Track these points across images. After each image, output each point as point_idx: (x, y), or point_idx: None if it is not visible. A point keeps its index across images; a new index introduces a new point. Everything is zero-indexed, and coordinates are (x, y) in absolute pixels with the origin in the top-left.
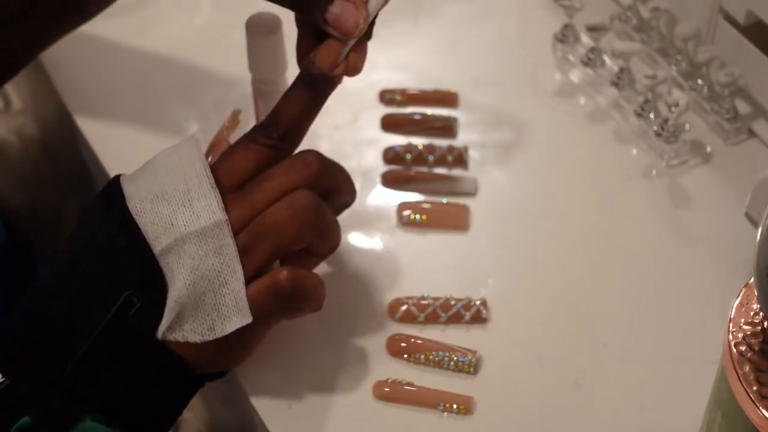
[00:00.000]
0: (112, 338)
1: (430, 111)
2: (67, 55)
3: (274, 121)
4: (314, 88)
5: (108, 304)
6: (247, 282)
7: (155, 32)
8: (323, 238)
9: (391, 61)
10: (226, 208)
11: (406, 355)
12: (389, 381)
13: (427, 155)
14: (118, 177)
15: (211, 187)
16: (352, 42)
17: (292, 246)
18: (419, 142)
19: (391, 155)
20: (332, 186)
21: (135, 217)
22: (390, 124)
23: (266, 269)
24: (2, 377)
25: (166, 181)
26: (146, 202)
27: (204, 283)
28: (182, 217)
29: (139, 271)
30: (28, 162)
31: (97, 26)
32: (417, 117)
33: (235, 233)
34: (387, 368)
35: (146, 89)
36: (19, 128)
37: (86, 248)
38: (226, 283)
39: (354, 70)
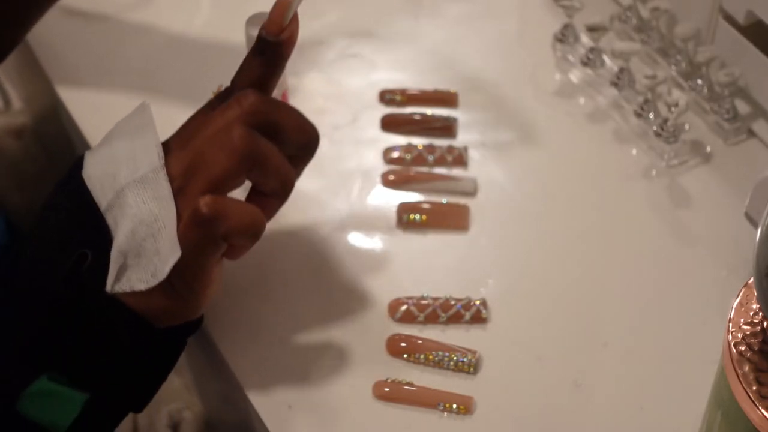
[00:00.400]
0: (66, 298)
1: (430, 111)
2: (67, 55)
3: (230, 89)
4: (263, 53)
5: (61, 265)
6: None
7: (155, 32)
8: (263, 172)
9: (391, 61)
10: (170, 160)
11: (406, 355)
12: (389, 381)
13: (427, 155)
14: (84, 153)
15: (155, 141)
16: (296, 5)
17: (225, 179)
18: (419, 142)
19: (391, 156)
20: (276, 122)
21: (86, 180)
22: (390, 123)
23: None
24: None
25: (117, 144)
26: (96, 165)
27: (143, 228)
28: (125, 170)
29: (87, 229)
30: (28, 162)
31: (98, 26)
32: (417, 117)
33: (175, 180)
34: (387, 368)
35: (146, 89)
36: (19, 128)
37: (44, 217)
38: (164, 226)
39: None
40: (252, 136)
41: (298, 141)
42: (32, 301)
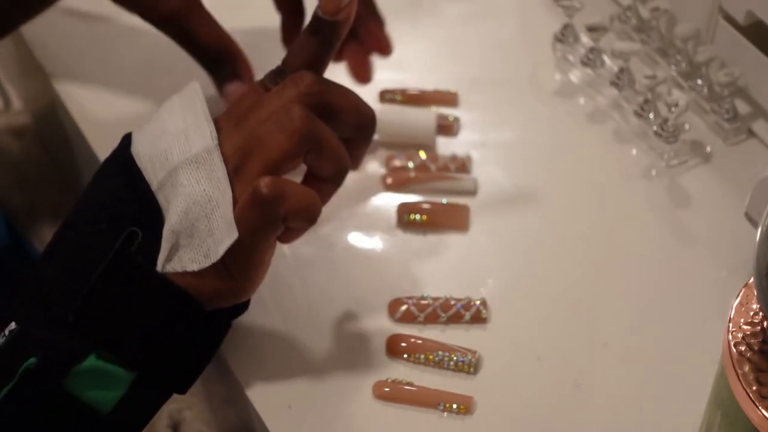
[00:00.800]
0: (115, 276)
1: (433, 108)
2: (67, 55)
3: (283, 68)
4: (319, 33)
5: (111, 243)
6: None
7: (156, 32)
8: (320, 155)
9: (391, 61)
10: (223, 140)
11: (406, 355)
12: (389, 381)
13: (430, 164)
14: (132, 131)
15: (207, 120)
16: None
17: (283, 160)
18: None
19: (393, 164)
20: (332, 103)
21: (136, 158)
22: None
23: None
24: (15, 325)
25: (167, 121)
26: (146, 143)
27: (196, 209)
28: (177, 150)
29: (138, 207)
30: (28, 162)
31: (98, 26)
32: None
33: (229, 159)
34: (387, 368)
35: (147, 89)
36: (19, 128)
37: (92, 194)
38: (217, 207)
39: (381, 48)
40: (311, 117)
41: (355, 122)
42: (81, 278)
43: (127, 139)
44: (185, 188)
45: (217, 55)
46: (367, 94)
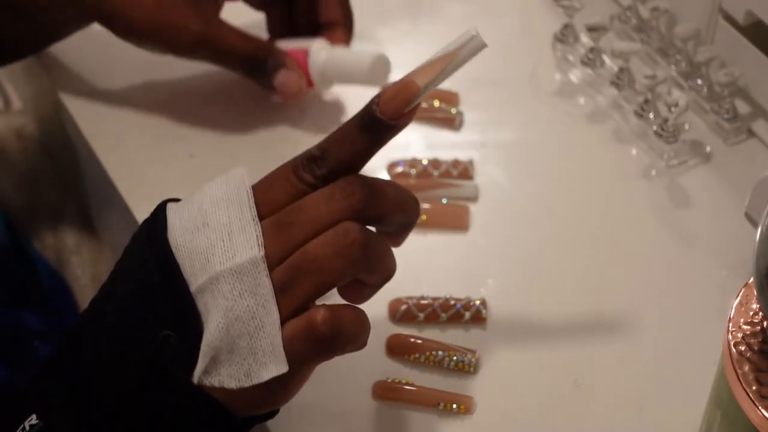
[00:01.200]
0: (147, 380)
1: (436, 102)
2: (67, 56)
3: (321, 157)
4: (373, 132)
5: (143, 345)
6: (284, 322)
7: None
8: (373, 271)
9: (391, 61)
10: (264, 241)
11: (406, 355)
12: (389, 381)
13: (433, 170)
14: (165, 204)
15: (253, 219)
16: (425, 92)
17: (335, 285)
18: (424, 156)
19: (395, 171)
20: (381, 212)
21: (174, 250)
22: None
23: (305, 308)
24: (37, 419)
25: (210, 212)
26: (186, 234)
27: (239, 325)
28: (219, 253)
29: (174, 310)
30: (28, 162)
31: (98, 26)
32: (423, 105)
33: (270, 268)
34: (387, 368)
35: (147, 89)
36: (19, 128)
37: (124, 281)
38: (261, 326)
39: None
40: (368, 242)
41: (403, 221)
42: (109, 378)
43: (162, 215)
44: (227, 301)
45: (254, 58)
46: (368, 89)
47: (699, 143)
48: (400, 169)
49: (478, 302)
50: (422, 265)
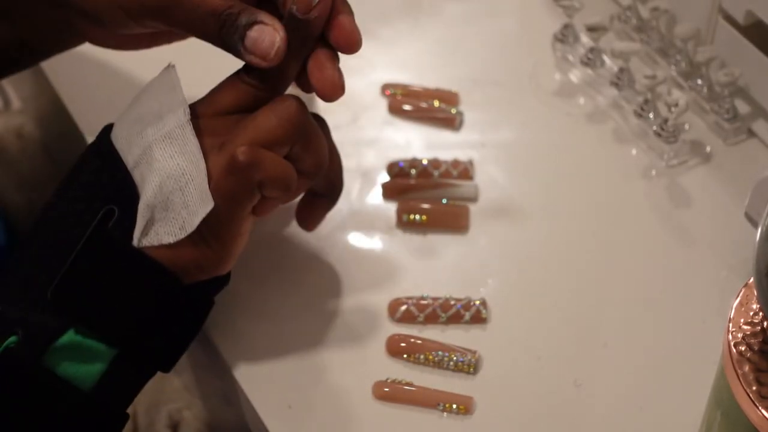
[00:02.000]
0: (91, 252)
1: (436, 102)
2: (66, 55)
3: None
4: (293, 30)
5: (87, 221)
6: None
7: None
8: (307, 148)
9: (391, 61)
10: (202, 135)
11: (405, 355)
12: (389, 381)
13: (432, 170)
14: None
15: (181, 101)
16: None
17: (270, 142)
18: (423, 156)
19: (395, 170)
20: (309, 132)
21: (114, 141)
22: (397, 109)
23: None
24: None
25: (144, 104)
26: (124, 125)
27: (170, 182)
28: (151, 129)
29: (115, 186)
30: (28, 162)
31: None
32: (423, 105)
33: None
34: (387, 368)
35: None
36: (19, 128)
37: (71, 177)
38: (191, 180)
39: (348, 45)
40: (306, 112)
41: (317, 158)
42: (59, 256)
43: (108, 127)
44: (159, 163)
45: (224, 20)
46: (369, 90)
47: (699, 143)
48: (400, 169)
49: (478, 302)
50: (422, 265)
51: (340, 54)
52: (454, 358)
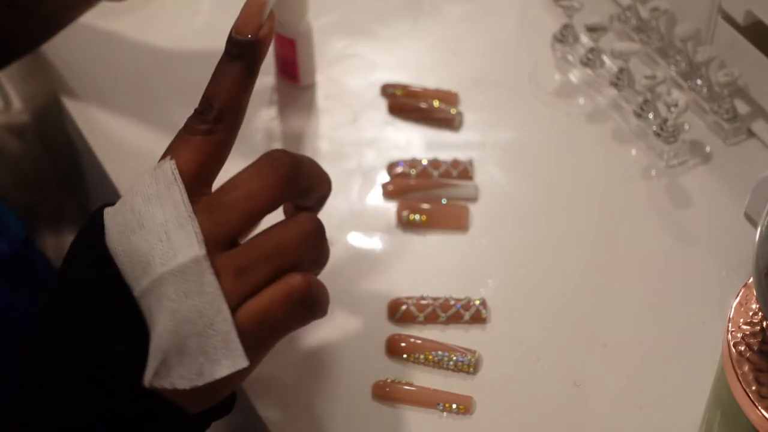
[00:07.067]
0: (96, 392)
1: (436, 103)
2: (67, 55)
3: (207, 104)
4: (241, 58)
5: (91, 357)
6: (243, 302)
7: (156, 32)
8: (316, 262)
9: (391, 61)
10: (200, 219)
11: (405, 355)
12: (389, 381)
13: (432, 171)
14: (101, 209)
15: (189, 215)
16: (272, 2)
17: (293, 269)
18: (423, 156)
19: (395, 171)
20: (307, 185)
21: (114, 256)
22: (397, 108)
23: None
24: None
25: (144, 212)
26: (123, 238)
27: (187, 326)
28: (159, 254)
29: (119, 316)
30: (28, 161)
31: (98, 25)
32: (423, 105)
33: (209, 251)
34: (387, 368)
35: (146, 89)
36: (19, 128)
37: (67, 290)
38: (210, 324)
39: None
40: (324, 232)
41: (324, 195)
42: (63, 394)
43: (98, 221)
44: (172, 303)
45: None
46: (369, 90)
47: (699, 143)
48: (399, 169)
49: (477, 302)
50: (422, 265)
51: (340, 54)
52: (454, 358)
